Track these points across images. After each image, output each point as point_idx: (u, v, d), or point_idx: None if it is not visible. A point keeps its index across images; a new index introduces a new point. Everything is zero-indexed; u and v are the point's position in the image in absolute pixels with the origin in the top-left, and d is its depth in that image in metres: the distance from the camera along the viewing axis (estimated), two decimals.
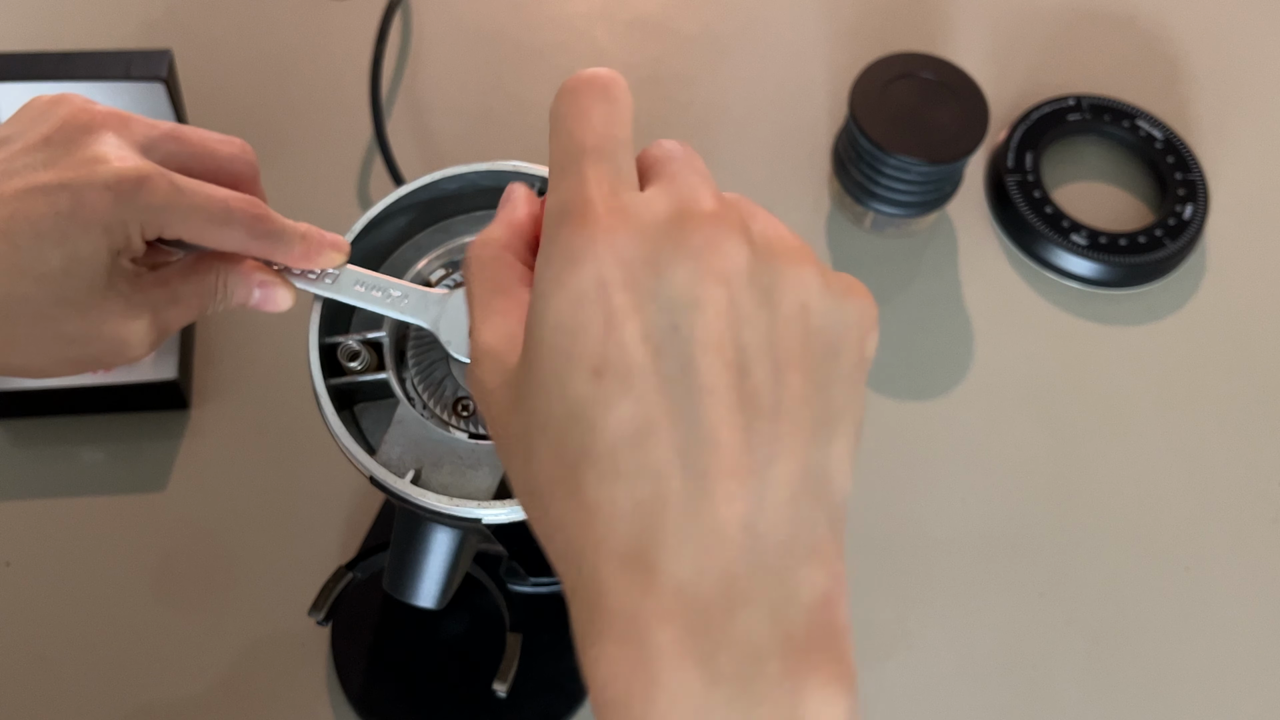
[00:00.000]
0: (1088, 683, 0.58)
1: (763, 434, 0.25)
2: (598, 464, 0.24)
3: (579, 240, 0.25)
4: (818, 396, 0.26)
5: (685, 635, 0.23)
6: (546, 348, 0.25)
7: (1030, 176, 0.71)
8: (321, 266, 0.41)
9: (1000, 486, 0.63)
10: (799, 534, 0.25)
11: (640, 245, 0.25)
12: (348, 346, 0.42)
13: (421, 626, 0.57)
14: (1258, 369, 0.67)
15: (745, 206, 0.28)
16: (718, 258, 0.25)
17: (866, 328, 0.28)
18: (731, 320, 0.25)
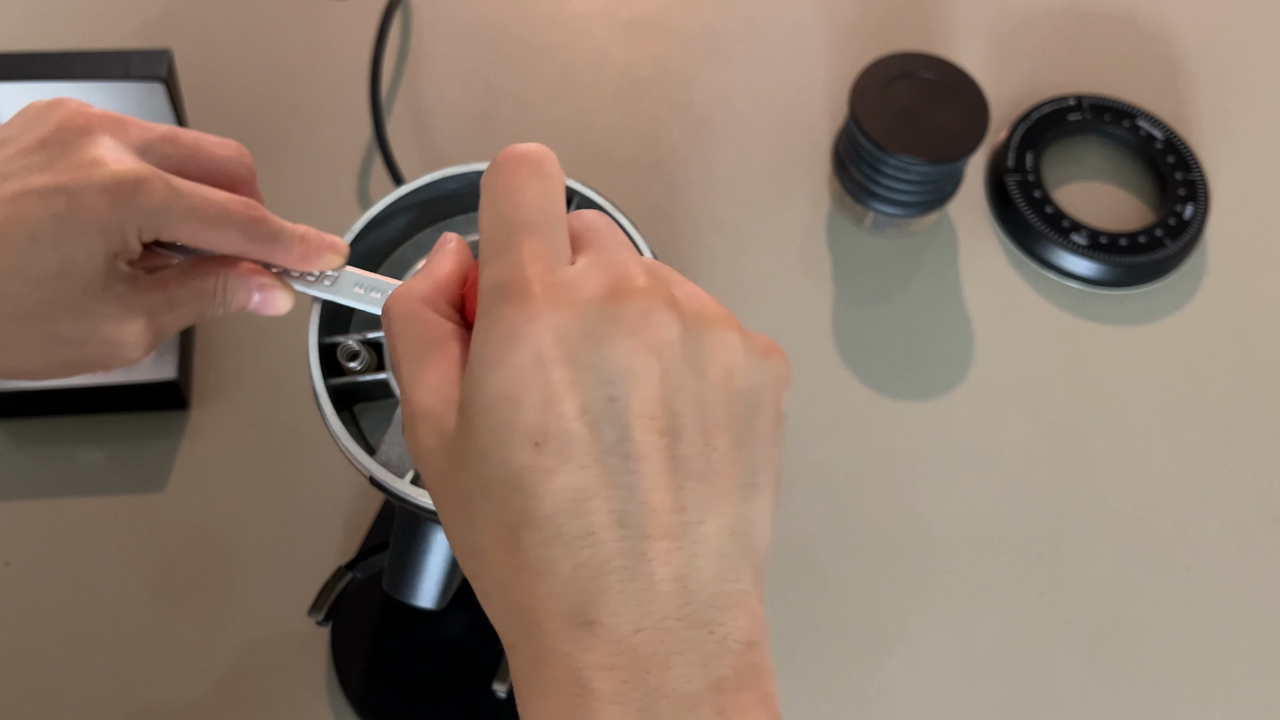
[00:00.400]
0: (1088, 682, 0.58)
1: (694, 494, 0.26)
2: (540, 529, 0.26)
3: (519, 317, 0.26)
4: (742, 455, 0.28)
5: (624, 685, 0.25)
6: (487, 417, 0.26)
7: (1030, 176, 0.71)
8: (320, 269, 0.41)
9: (1001, 486, 0.63)
10: (726, 586, 0.26)
11: (577, 321, 0.26)
12: (347, 346, 0.42)
13: (421, 627, 0.57)
14: (1258, 369, 0.67)
15: (669, 275, 0.29)
16: (651, 331, 0.26)
17: (783, 384, 0.30)
18: (664, 389, 0.26)
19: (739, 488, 0.27)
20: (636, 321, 0.26)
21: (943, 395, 0.66)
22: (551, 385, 0.26)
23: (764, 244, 0.70)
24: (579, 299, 0.26)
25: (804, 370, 0.66)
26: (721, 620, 0.26)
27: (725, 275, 0.69)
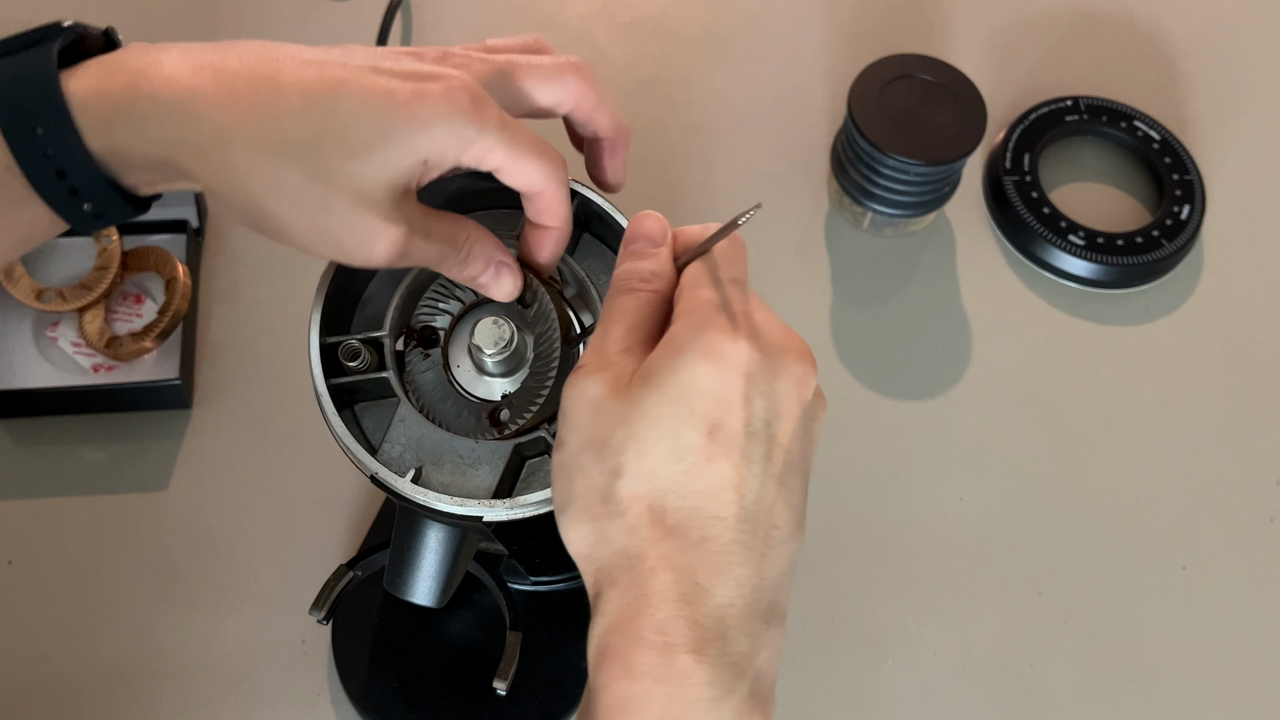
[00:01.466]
0: (1085, 680, 0.59)
1: (784, 518, 0.34)
2: (685, 498, 0.33)
3: (726, 339, 0.34)
4: (804, 499, 0.36)
5: (705, 643, 0.32)
6: (675, 395, 0.33)
7: (1028, 177, 0.71)
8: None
9: (998, 486, 0.63)
10: (778, 601, 0.34)
11: (763, 358, 0.34)
12: (348, 346, 0.42)
13: (422, 625, 0.57)
14: (1254, 368, 0.67)
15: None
16: (803, 387, 0.35)
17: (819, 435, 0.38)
18: (796, 432, 0.35)
19: (800, 525, 0.35)
20: (798, 375, 0.35)
21: (940, 395, 0.66)
22: (735, 393, 0.33)
23: (763, 244, 0.70)
24: (766, 343, 0.34)
25: None
26: (767, 628, 0.34)
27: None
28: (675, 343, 0.34)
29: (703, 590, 0.32)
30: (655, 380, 0.33)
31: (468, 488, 0.40)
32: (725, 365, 0.33)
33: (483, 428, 0.41)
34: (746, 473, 0.33)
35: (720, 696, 0.32)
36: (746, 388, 0.33)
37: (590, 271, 0.45)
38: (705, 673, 0.32)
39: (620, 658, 0.32)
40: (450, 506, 0.39)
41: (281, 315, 0.66)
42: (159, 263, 0.64)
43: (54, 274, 0.65)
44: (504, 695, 0.49)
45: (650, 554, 0.33)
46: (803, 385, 0.35)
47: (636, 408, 0.33)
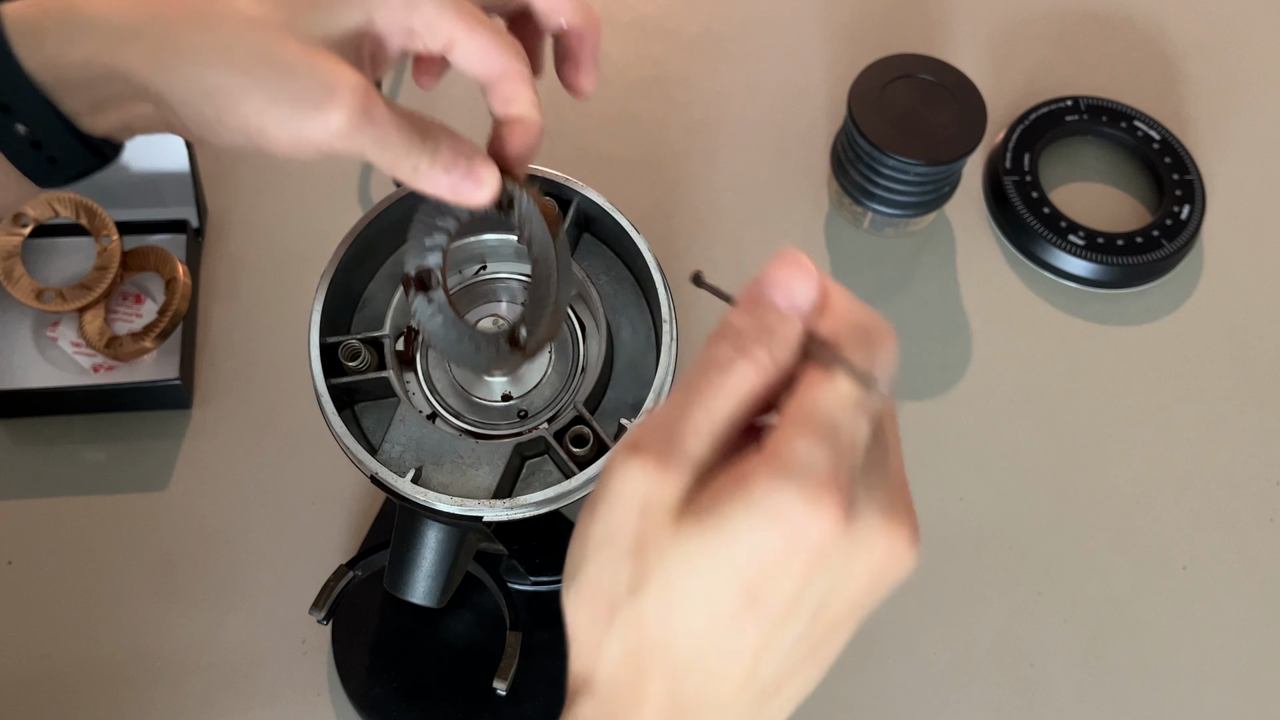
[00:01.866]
0: (1085, 680, 0.59)
1: (801, 687, 0.32)
2: (694, 653, 0.29)
3: (809, 511, 0.27)
4: (837, 654, 0.33)
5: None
6: (726, 556, 0.28)
7: (1028, 177, 0.71)
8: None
9: (998, 485, 0.63)
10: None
11: (847, 542, 0.28)
12: (348, 346, 0.42)
13: (422, 625, 0.57)
14: (1254, 368, 0.67)
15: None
16: (885, 578, 0.31)
17: None
18: (853, 612, 0.31)
19: (816, 681, 0.33)
20: (882, 565, 0.30)
21: (940, 394, 0.66)
22: (796, 568, 0.28)
23: (763, 244, 0.70)
24: (863, 521, 0.29)
25: None
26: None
27: (724, 275, 0.69)
28: (748, 488, 0.28)
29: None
30: (710, 527, 0.28)
31: (467, 487, 0.40)
32: (796, 543, 0.28)
33: (504, 355, 0.39)
34: (774, 642, 0.29)
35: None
36: (811, 567, 0.28)
37: (590, 271, 0.45)
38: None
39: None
40: (450, 506, 0.39)
41: (281, 315, 0.66)
42: (159, 263, 0.64)
43: (54, 274, 0.65)
44: (504, 695, 0.49)
45: (640, 690, 0.30)
46: (885, 577, 0.30)
47: (680, 546, 0.29)
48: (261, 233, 0.69)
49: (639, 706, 0.30)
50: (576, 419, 0.41)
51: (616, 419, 0.42)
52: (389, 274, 0.46)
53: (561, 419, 0.41)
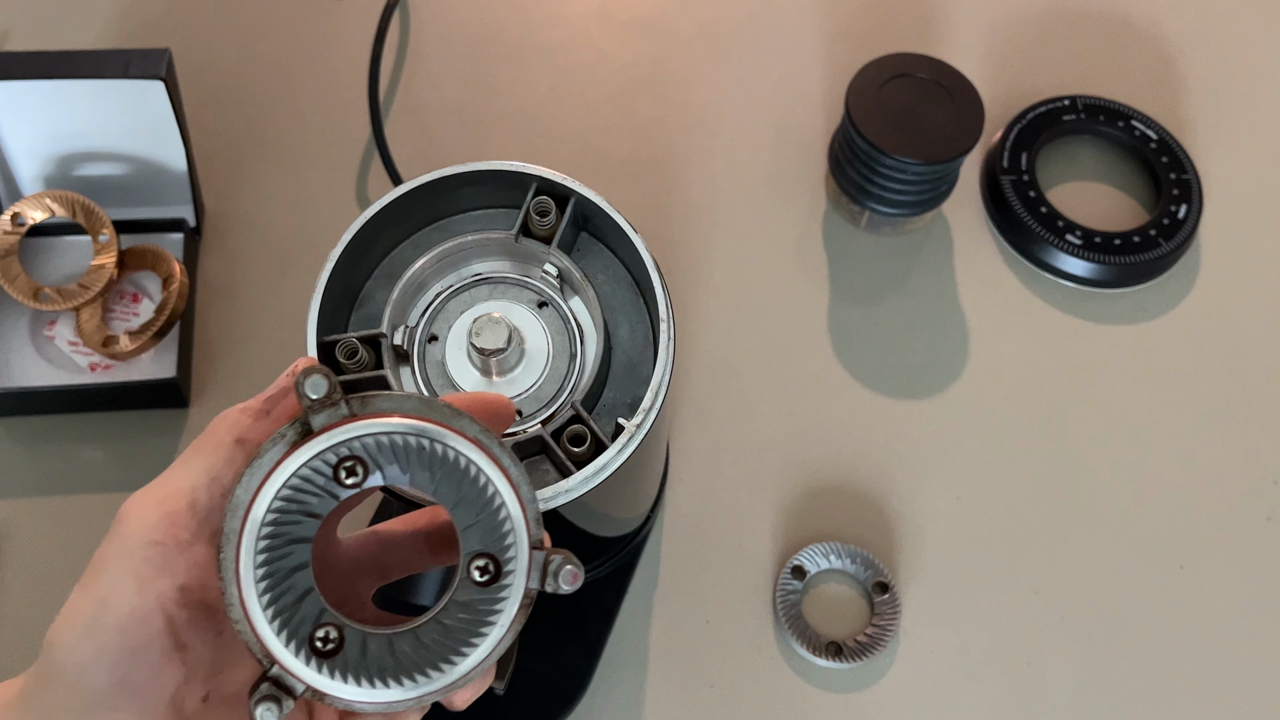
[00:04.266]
0: (1083, 679, 0.59)
1: None
2: None
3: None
4: None
5: None
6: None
7: (1025, 176, 0.71)
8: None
9: (995, 484, 0.63)
10: None
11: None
12: (346, 344, 0.42)
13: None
14: (1251, 367, 0.67)
15: None
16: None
17: None
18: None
19: None
20: None
21: (938, 393, 0.66)
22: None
23: (761, 243, 0.70)
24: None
25: (800, 368, 0.66)
26: None
27: (722, 274, 0.69)
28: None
29: None
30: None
31: None
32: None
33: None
34: None
35: None
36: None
37: (588, 270, 0.45)
38: None
39: None
40: None
41: (279, 314, 0.66)
42: (156, 262, 0.64)
43: (51, 272, 0.65)
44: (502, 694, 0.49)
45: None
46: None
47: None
48: (259, 232, 0.69)
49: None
50: (574, 418, 0.41)
51: (614, 418, 0.42)
52: (386, 273, 0.46)
53: (559, 418, 0.41)
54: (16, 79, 0.60)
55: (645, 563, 0.61)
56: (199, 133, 0.69)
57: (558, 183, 0.44)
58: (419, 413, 0.31)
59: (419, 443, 0.30)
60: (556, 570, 0.31)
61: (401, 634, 0.30)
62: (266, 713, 0.29)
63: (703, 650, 0.59)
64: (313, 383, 0.30)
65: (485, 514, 0.31)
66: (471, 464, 0.31)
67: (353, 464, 0.30)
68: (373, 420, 0.30)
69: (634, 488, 0.53)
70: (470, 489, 0.31)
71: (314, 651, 0.30)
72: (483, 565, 0.31)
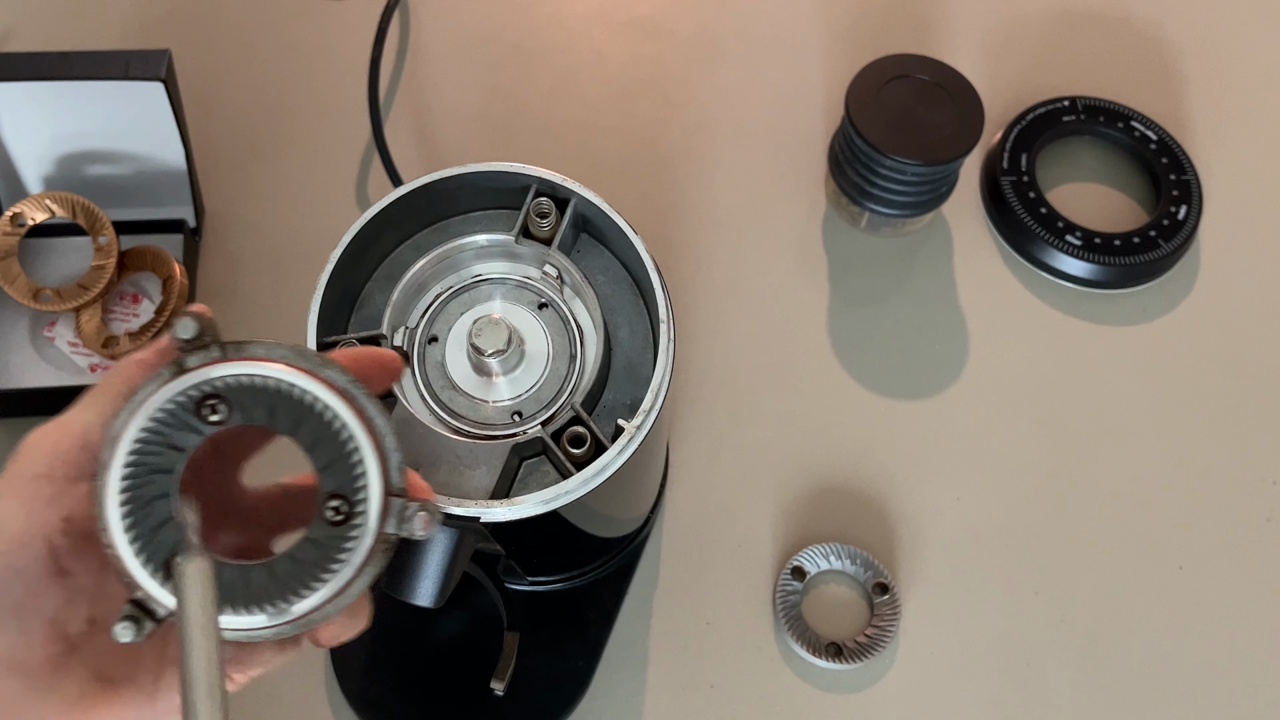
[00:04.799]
0: (1082, 679, 0.59)
1: None
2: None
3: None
4: None
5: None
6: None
7: (1025, 177, 0.71)
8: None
9: (994, 485, 0.63)
10: None
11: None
12: (346, 345, 0.42)
13: (419, 625, 0.57)
14: (1251, 368, 0.67)
15: None
16: None
17: None
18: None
19: None
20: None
21: (938, 394, 0.66)
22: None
23: (761, 244, 0.70)
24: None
25: (800, 369, 0.66)
26: None
27: (722, 274, 0.69)
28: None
29: None
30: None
31: (465, 488, 0.40)
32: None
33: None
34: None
35: None
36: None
37: (587, 272, 0.45)
38: None
39: None
40: (447, 507, 0.39)
41: (278, 314, 0.66)
42: (156, 262, 0.64)
43: (51, 273, 0.65)
44: (501, 695, 0.49)
45: None
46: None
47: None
48: (258, 232, 0.69)
49: None
50: (574, 419, 0.41)
51: (614, 419, 0.42)
52: (386, 274, 0.46)
53: (559, 419, 0.41)
54: (17, 80, 0.60)
55: (645, 563, 0.61)
56: (199, 133, 0.69)
57: (558, 184, 0.44)
58: (288, 359, 0.33)
59: (279, 385, 0.32)
60: (411, 516, 0.32)
61: (256, 566, 0.32)
62: (123, 631, 0.31)
63: (703, 651, 0.59)
64: (183, 324, 0.32)
65: (340, 457, 0.32)
66: (329, 409, 0.32)
67: (215, 402, 0.32)
68: (240, 363, 0.32)
69: (634, 489, 0.53)
70: (326, 433, 0.32)
71: (169, 575, 0.31)
72: (336, 506, 0.32)
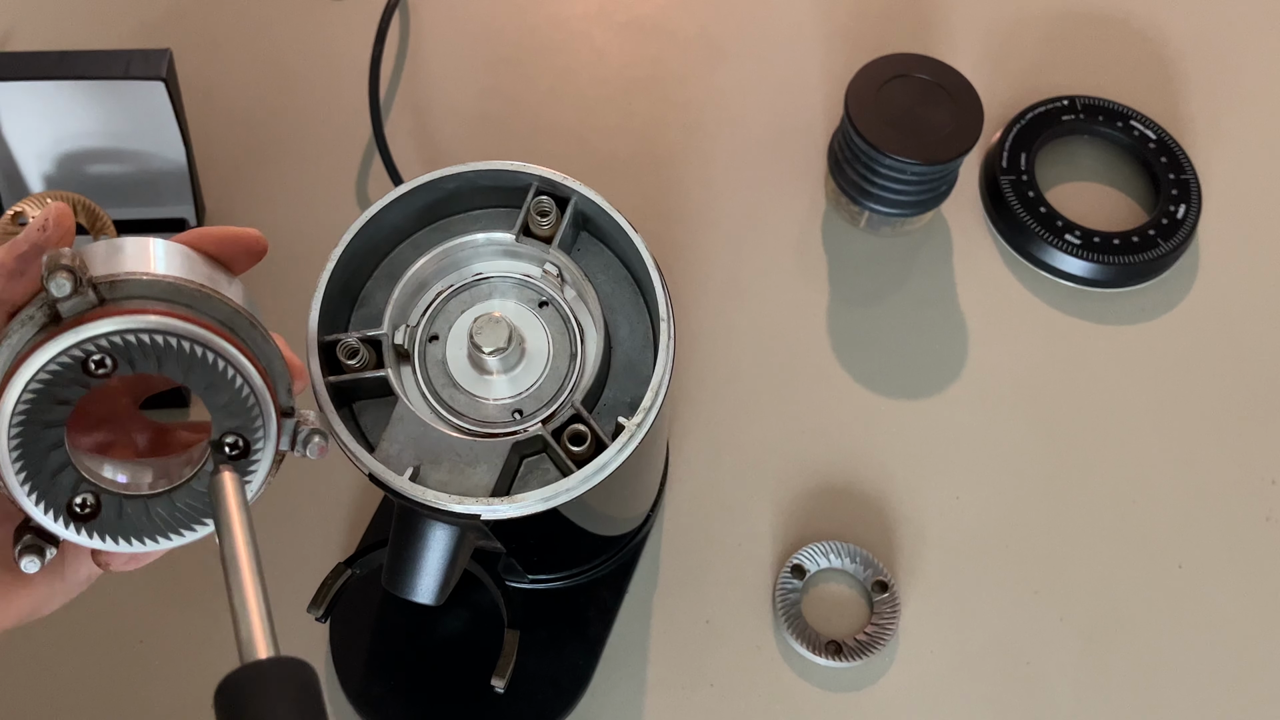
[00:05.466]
0: (1081, 679, 0.59)
1: None
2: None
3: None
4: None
5: None
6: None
7: (1024, 176, 0.71)
8: None
9: (994, 484, 0.64)
10: None
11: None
12: (347, 344, 0.42)
13: (420, 623, 0.57)
14: (1250, 368, 0.68)
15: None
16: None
17: None
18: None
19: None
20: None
21: (937, 394, 0.66)
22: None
23: (760, 243, 0.70)
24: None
25: (800, 369, 0.66)
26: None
27: (722, 274, 0.69)
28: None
29: None
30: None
31: (466, 486, 0.40)
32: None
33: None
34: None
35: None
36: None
37: (588, 270, 0.45)
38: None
39: None
40: (448, 504, 0.39)
41: (279, 313, 0.66)
42: None
43: None
44: (502, 693, 0.49)
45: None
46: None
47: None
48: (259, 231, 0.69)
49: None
50: (574, 417, 0.41)
51: (614, 417, 0.42)
52: (387, 273, 0.46)
53: (559, 417, 0.41)
54: (18, 80, 0.60)
55: (645, 562, 0.61)
56: (199, 133, 0.69)
57: (558, 183, 0.44)
58: (168, 299, 0.33)
59: (165, 341, 0.32)
60: (305, 439, 0.35)
61: (157, 497, 0.33)
62: (30, 564, 0.33)
63: (703, 649, 0.59)
64: (57, 284, 0.31)
65: (230, 395, 0.33)
66: (217, 357, 0.33)
67: (101, 358, 0.31)
68: (119, 318, 0.31)
69: (634, 487, 0.53)
70: (216, 377, 0.33)
71: (72, 516, 0.33)
72: (233, 441, 0.33)
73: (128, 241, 0.33)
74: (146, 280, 0.32)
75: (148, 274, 0.33)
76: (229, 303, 0.34)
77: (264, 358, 0.34)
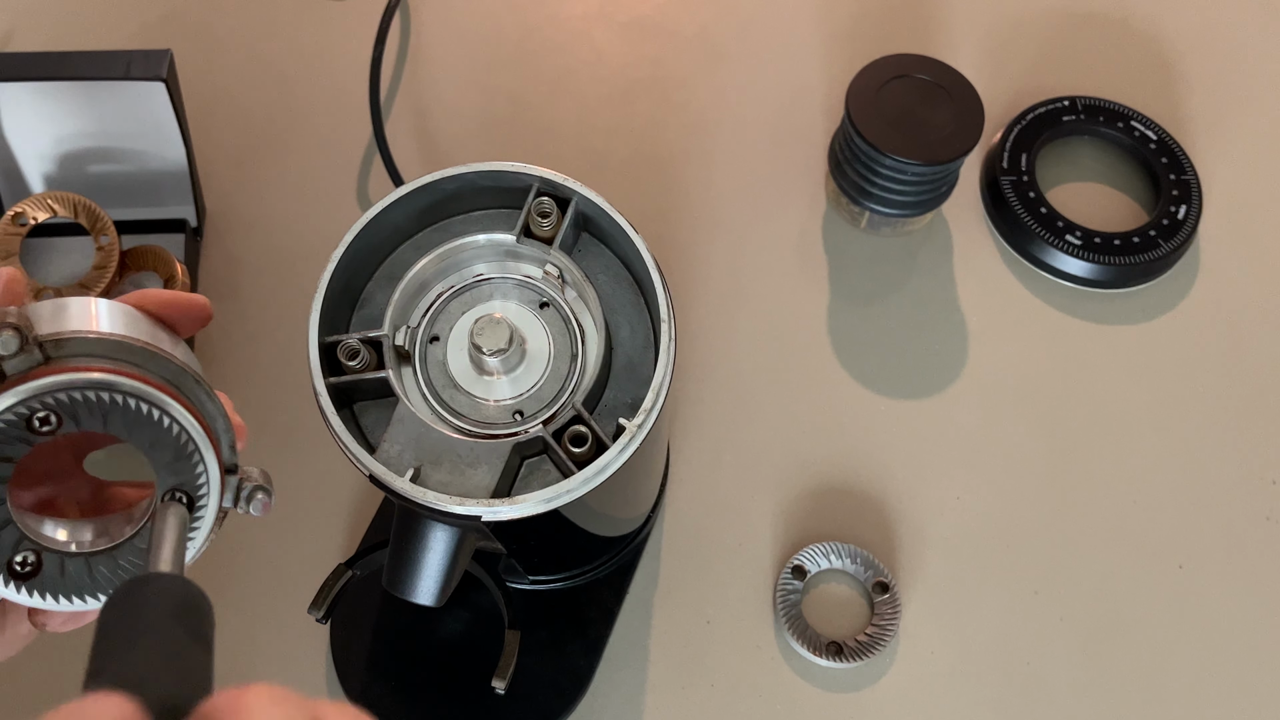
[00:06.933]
0: (1082, 679, 0.59)
1: None
2: None
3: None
4: None
5: None
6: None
7: (1025, 177, 0.71)
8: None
9: (994, 484, 0.64)
10: None
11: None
12: (348, 345, 0.42)
13: (420, 624, 0.57)
14: (1250, 368, 0.68)
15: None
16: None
17: None
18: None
19: None
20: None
21: (938, 394, 0.66)
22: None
23: (761, 244, 0.70)
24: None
25: (800, 369, 0.66)
26: None
27: (722, 275, 0.69)
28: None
29: None
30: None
31: (466, 487, 0.40)
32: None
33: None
34: None
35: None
36: None
37: (588, 271, 0.45)
38: None
39: None
40: (449, 505, 0.39)
41: (280, 314, 0.67)
42: (157, 262, 0.64)
43: (52, 273, 0.65)
44: (502, 694, 0.49)
45: None
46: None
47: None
48: (260, 232, 0.69)
49: None
50: (575, 418, 0.41)
51: (615, 418, 0.42)
52: (388, 274, 0.46)
53: (560, 418, 0.41)
54: (19, 80, 0.60)
55: (646, 563, 0.61)
56: (200, 133, 0.69)
57: (559, 183, 0.44)
58: (113, 357, 0.32)
59: (111, 398, 0.32)
60: (249, 496, 0.35)
61: (99, 555, 0.33)
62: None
63: (703, 650, 0.59)
64: (3, 341, 0.31)
65: (175, 452, 0.33)
66: (163, 414, 0.32)
67: (46, 415, 0.31)
68: (63, 375, 0.31)
69: (635, 488, 0.53)
70: (161, 434, 0.32)
71: (13, 575, 0.33)
72: (179, 499, 0.33)
73: (72, 301, 0.33)
74: (93, 338, 0.32)
75: (93, 332, 0.32)
76: (174, 360, 0.33)
77: (208, 415, 0.34)
